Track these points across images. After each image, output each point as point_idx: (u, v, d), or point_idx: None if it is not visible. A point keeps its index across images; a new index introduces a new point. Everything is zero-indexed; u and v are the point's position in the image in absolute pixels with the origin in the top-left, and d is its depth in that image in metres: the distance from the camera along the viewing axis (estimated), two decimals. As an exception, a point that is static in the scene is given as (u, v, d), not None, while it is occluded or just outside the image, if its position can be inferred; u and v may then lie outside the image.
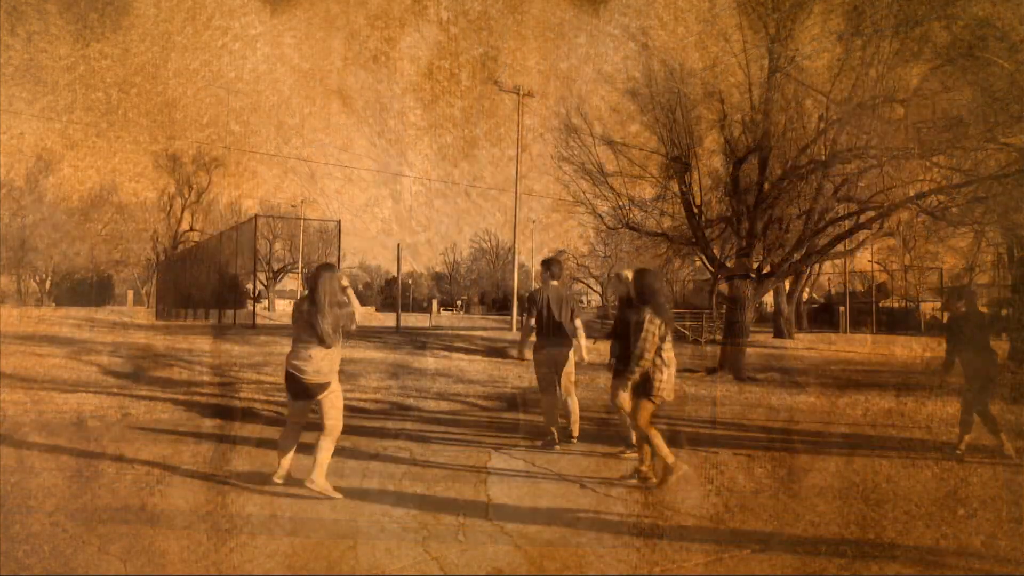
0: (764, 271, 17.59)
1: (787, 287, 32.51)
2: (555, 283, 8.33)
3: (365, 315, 6.27)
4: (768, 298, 37.35)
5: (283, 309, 61.70)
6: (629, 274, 7.68)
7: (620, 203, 18.31)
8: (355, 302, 6.13)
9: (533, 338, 8.29)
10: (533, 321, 8.20)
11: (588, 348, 8.42)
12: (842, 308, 41.00)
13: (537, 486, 6.36)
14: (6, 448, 7.40)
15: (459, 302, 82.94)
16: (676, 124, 17.09)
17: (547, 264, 8.50)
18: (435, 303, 68.75)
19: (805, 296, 41.96)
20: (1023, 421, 9.42)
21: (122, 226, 66.12)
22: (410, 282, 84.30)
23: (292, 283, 72.03)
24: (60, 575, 4.32)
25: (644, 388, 6.39)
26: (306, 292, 6.21)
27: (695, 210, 17.63)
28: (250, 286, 48.18)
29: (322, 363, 5.91)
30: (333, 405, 5.99)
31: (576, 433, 8.27)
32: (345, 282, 6.14)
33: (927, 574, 4.21)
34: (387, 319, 40.52)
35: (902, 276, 50.29)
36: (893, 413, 11.04)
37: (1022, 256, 21.73)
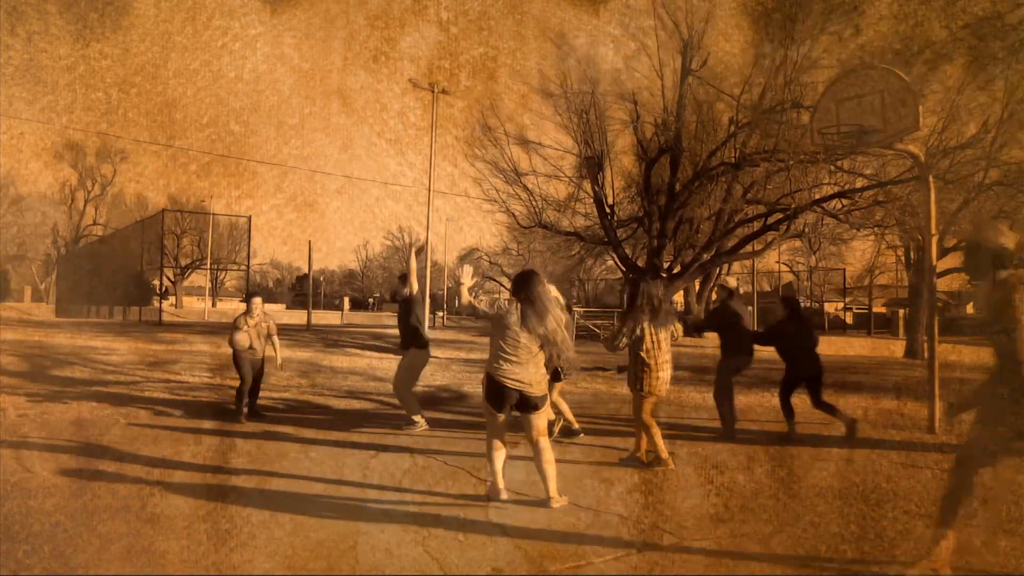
0: (675, 271, 17.87)
1: (697, 287, 33.13)
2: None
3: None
4: (678, 297, 38.00)
5: (191, 306, 60.19)
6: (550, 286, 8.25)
7: (534, 202, 18.38)
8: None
9: None
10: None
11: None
12: (750, 308, 41.97)
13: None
14: None
15: (371, 300, 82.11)
16: (590, 124, 17.22)
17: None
18: (346, 300, 67.95)
19: (715, 296, 42.81)
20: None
21: (19, 218, 63.63)
22: (322, 279, 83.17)
23: (200, 279, 70.35)
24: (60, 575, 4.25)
25: (638, 385, 7.03)
26: (515, 297, 5.74)
27: (607, 210, 17.79)
28: (157, 282, 46.86)
29: (538, 374, 5.61)
30: (543, 417, 5.70)
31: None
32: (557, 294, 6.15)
33: (927, 574, 4.26)
34: (298, 317, 39.88)
35: (807, 277, 51.89)
36: (799, 409, 11.30)
37: (919, 259, 22.54)
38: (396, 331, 9.57)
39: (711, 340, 27.14)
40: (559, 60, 17.78)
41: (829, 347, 26.92)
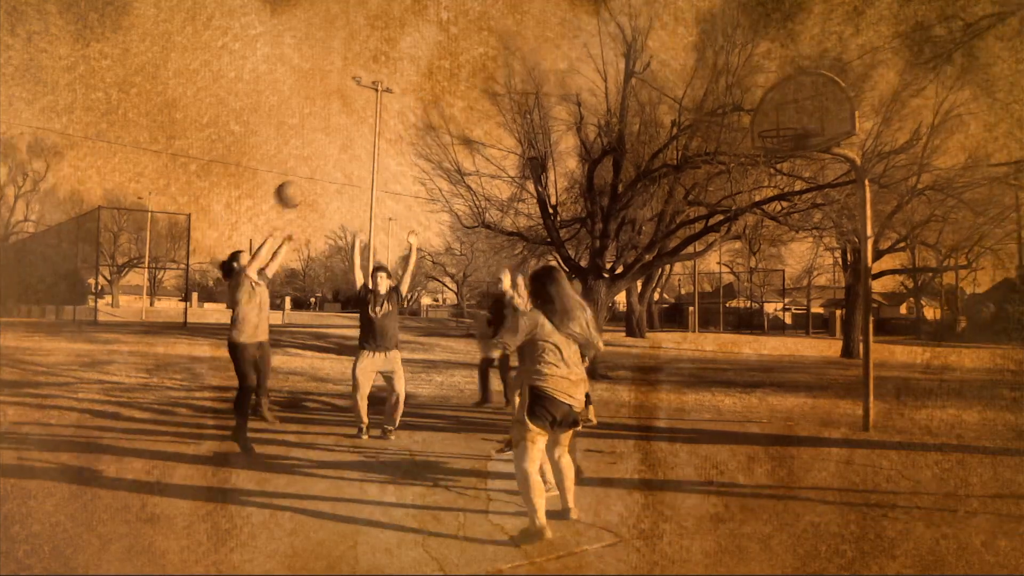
0: (617, 271, 17.96)
1: (639, 287, 33.41)
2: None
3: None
4: (620, 298, 38.27)
5: (128, 305, 58.80)
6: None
7: (477, 202, 18.34)
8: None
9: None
10: None
11: None
12: (691, 308, 42.49)
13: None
14: None
15: (313, 299, 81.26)
16: (533, 125, 17.23)
17: None
18: (287, 300, 67.10)
19: (656, 296, 43.25)
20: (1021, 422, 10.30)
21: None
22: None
23: (137, 278, 68.81)
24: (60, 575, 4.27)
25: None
26: (538, 301, 5.10)
27: (551, 210, 17.82)
28: (92, 281, 45.72)
29: (584, 385, 5.07)
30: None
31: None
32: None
33: (927, 574, 4.31)
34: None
35: (748, 278, 52.71)
36: (739, 407, 11.45)
37: (854, 260, 23.05)
38: (341, 331, 9.33)
39: (665, 340, 27.41)
40: (504, 59, 17.75)
41: (768, 347, 27.34)
